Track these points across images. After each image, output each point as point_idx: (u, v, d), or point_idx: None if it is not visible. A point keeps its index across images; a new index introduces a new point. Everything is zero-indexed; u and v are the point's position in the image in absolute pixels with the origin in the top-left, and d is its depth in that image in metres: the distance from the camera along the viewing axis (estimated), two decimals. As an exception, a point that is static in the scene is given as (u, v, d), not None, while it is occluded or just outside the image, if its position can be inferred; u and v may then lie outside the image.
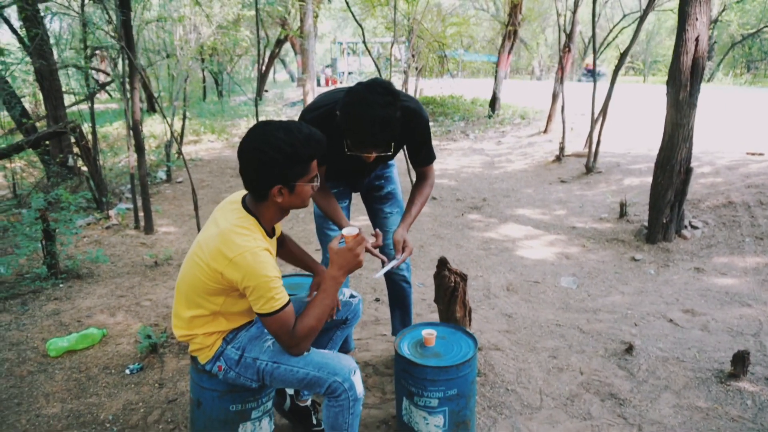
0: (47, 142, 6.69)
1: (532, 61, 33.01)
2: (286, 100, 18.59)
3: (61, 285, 3.77)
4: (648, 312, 3.43)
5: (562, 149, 7.82)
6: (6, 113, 8.43)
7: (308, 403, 2.22)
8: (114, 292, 3.72)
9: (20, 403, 2.44)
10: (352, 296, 2.15)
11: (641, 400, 2.49)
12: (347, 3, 7.47)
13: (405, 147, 2.35)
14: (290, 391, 2.21)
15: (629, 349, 2.89)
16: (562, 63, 8.94)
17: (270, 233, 1.77)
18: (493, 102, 12.09)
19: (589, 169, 6.90)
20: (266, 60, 18.88)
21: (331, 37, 27.63)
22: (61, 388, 2.56)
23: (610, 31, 9.77)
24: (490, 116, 11.85)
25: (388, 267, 2.11)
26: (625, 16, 9.91)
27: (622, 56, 7.20)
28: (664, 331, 3.15)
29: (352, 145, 1.96)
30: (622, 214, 5.28)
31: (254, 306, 1.60)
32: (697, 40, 4.30)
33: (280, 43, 18.30)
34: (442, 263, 2.44)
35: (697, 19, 4.30)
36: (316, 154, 1.66)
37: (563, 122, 7.93)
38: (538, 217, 5.67)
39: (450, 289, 2.40)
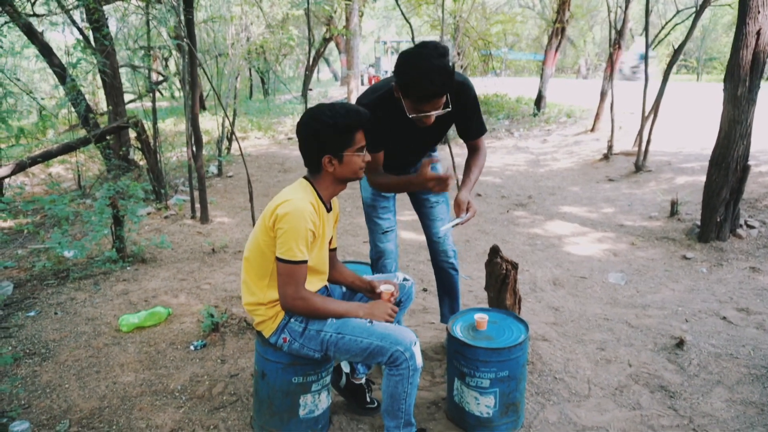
0: (109, 137, 7.09)
1: (578, 59, 32.27)
2: (329, 99, 18.87)
3: (128, 268, 4.03)
4: (700, 309, 3.38)
5: (610, 147, 7.70)
6: (70, 110, 8.96)
7: (363, 381, 2.33)
8: (176, 275, 3.94)
9: (99, 371, 2.65)
10: (405, 279, 2.25)
11: (692, 393, 2.49)
12: (398, 3, 7.59)
13: (455, 124, 2.37)
14: (346, 369, 2.32)
15: (680, 343, 2.88)
16: (612, 60, 8.78)
17: (328, 207, 1.96)
18: (539, 100, 11.95)
19: (638, 168, 6.77)
20: (312, 59, 19.22)
21: (374, 36, 27.85)
22: (133, 359, 2.77)
23: (663, 27, 9.50)
24: (535, 114, 11.73)
25: (453, 223, 2.19)
26: (678, 11, 9.61)
27: (676, 53, 7.02)
28: (717, 329, 3.11)
29: (412, 105, 1.99)
30: (673, 212, 5.18)
31: (277, 250, 1.80)
32: (758, 33, 4.18)
33: (325, 42, 18.62)
34: (494, 251, 2.50)
35: (759, 12, 4.18)
36: (359, 125, 1.85)
37: (612, 120, 7.80)
38: (584, 215, 5.62)
39: (501, 276, 2.47)
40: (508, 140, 10.42)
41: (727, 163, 4.36)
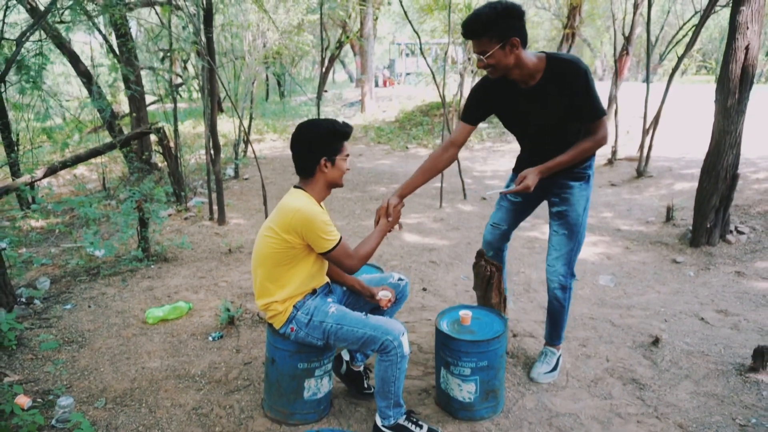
0: (132, 142, 7.48)
1: (594, 60, 32.20)
2: (344, 101, 19.19)
3: (152, 266, 4.38)
4: (681, 310, 3.62)
5: (614, 153, 7.89)
6: (93, 113, 9.39)
7: (361, 368, 2.63)
8: (195, 273, 4.28)
9: (129, 357, 2.99)
10: (400, 279, 2.55)
11: (661, 386, 2.74)
12: (404, 10, 7.85)
13: (566, 106, 2.27)
14: (346, 357, 2.62)
15: (656, 341, 3.12)
16: (618, 67, 8.95)
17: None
18: (549, 104, 12.11)
19: (639, 173, 6.97)
20: (326, 61, 19.56)
21: (389, 38, 28.11)
22: (158, 348, 3.10)
23: (680, 29, 9.54)
24: (545, 118, 11.90)
25: (500, 190, 2.54)
26: (696, 12, 9.68)
27: (679, 60, 7.18)
28: (693, 328, 3.35)
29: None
30: (669, 217, 5.38)
31: (317, 248, 2.13)
32: (747, 48, 4.38)
33: (340, 45, 18.95)
34: (480, 255, 2.78)
35: (747, 28, 4.38)
36: (344, 136, 2.20)
37: (616, 126, 7.99)
38: (584, 219, 5.84)
39: (486, 277, 2.74)
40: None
41: (717, 171, 4.57)
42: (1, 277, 3.40)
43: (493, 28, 2.09)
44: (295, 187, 2.26)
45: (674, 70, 7.14)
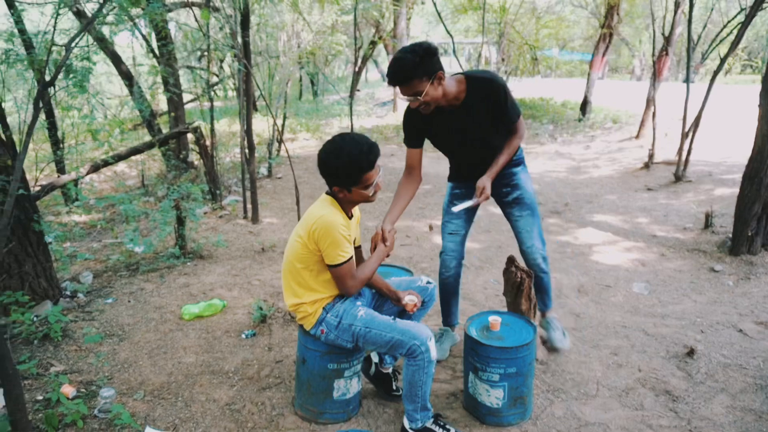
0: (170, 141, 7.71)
1: (632, 60, 31.41)
2: (377, 100, 19.26)
3: (188, 263, 4.51)
4: (718, 321, 3.53)
5: (651, 156, 7.71)
6: (133, 111, 9.69)
7: (390, 370, 2.66)
8: (230, 271, 4.39)
9: (166, 352, 3.10)
10: (428, 282, 2.58)
11: (695, 398, 2.69)
12: (437, 10, 7.86)
13: (492, 117, 2.56)
14: (375, 359, 2.66)
15: (690, 352, 3.06)
16: (657, 67, 8.73)
17: (349, 216, 2.32)
18: (584, 105, 11.92)
19: (678, 178, 6.79)
20: (359, 61, 19.65)
21: (422, 37, 28.05)
22: (194, 344, 3.20)
23: (724, 27, 9.22)
24: (580, 120, 11.72)
25: (464, 205, 2.63)
26: (742, 10, 9.35)
27: (723, 60, 6.97)
28: (731, 340, 3.26)
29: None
30: (707, 224, 5.24)
31: (326, 259, 2.16)
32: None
33: (373, 44, 19.02)
34: (510, 261, 2.78)
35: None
36: (368, 167, 2.14)
37: (654, 128, 7.80)
38: (618, 224, 5.74)
39: (516, 283, 2.74)
40: (550, 146, 10.48)
41: (760, 177, 4.42)
42: (48, 271, 3.57)
43: (420, 69, 2.31)
44: (327, 193, 2.30)
45: (717, 70, 6.91)
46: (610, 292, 4.09)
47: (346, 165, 2.12)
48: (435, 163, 10.03)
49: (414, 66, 2.29)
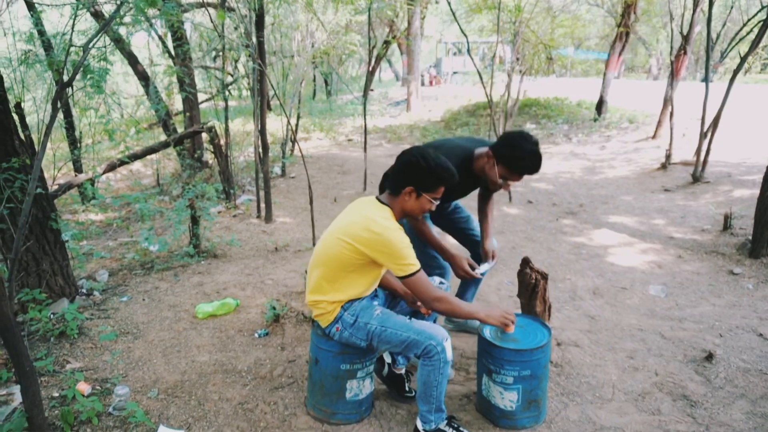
0: (185, 140, 7.77)
1: (649, 59, 31.02)
2: (390, 100, 19.26)
3: (202, 262, 4.54)
4: (737, 325, 3.46)
5: (668, 157, 7.60)
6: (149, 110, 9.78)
7: (402, 371, 2.65)
8: (243, 270, 4.41)
9: (180, 350, 3.12)
10: (441, 283, 2.57)
11: (714, 404, 2.63)
12: (452, 10, 7.81)
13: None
14: (388, 360, 2.65)
15: (709, 357, 3.00)
16: (675, 66, 8.61)
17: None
18: (600, 105, 11.79)
19: (695, 179, 6.68)
20: (373, 61, 19.65)
21: (436, 36, 27.97)
22: (207, 342, 3.22)
23: (744, 25, 9.03)
24: (595, 120, 11.59)
25: (484, 269, 2.77)
26: (763, 7, 9.16)
27: (743, 59, 6.84)
28: (751, 345, 3.20)
29: (509, 173, 2.61)
30: (726, 226, 5.15)
31: (397, 272, 2.11)
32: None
33: (387, 44, 19.02)
34: (525, 262, 2.75)
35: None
36: (447, 183, 2.18)
37: (671, 129, 7.69)
38: (634, 226, 5.67)
39: (531, 285, 2.71)
40: (565, 146, 10.39)
41: (781, 179, 4.33)
42: (65, 269, 3.61)
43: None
44: (379, 200, 2.25)
45: (737, 69, 6.79)
46: (626, 295, 4.03)
47: (431, 170, 2.13)
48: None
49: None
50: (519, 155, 2.50)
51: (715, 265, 4.52)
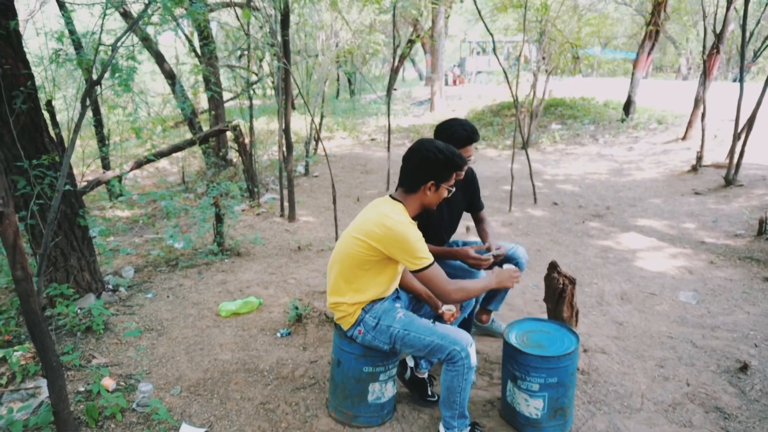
0: (210, 139, 7.85)
1: (679, 58, 30.31)
2: (413, 99, 19.19)
3: (226, 260, 4.57)
4: (773, 335, 3.33)
5: (699, 159, 7.39)
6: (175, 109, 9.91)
7: (425, 375, 2.61)
8: (266, 269, 4.42)
9: (203, 348, 3.13)
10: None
11: (749, 417, 2.53)
12: (477, 8, 7.71)
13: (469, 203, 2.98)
14: (411, 364, 2.61)
15: (744, 367, 2.89)
16: (707, 66, 8.37)
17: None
18: (628, 105, 11.55)
19: (728, 182, 6.48)
20: (397, 60, 19.60)
21: (460, 35, 27.80)
22: (230, 341, 3.23)
23: None
24: (623, 120, 11.36)
25: (489, 254, 2.67)
26: None
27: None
28: (789, 356, 3.07)
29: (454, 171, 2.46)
30: (761, 231, 4.97)
31: (410, 267, 2.09)
32: None
33: (411, 43, 18.95)
34: (552, 266, 2.68)
35: None
36: (459, 167, 2.20)
37: (702, 130, 7.48)
38: (663, 229, 5.52)
39: (558, 290, 2.65)
40: (591, 147, 10.20)
41: (821, 183, 4.17)
42: (92, 265, 3.66)
43: None
44: (392, 197, 2.23)
45: (773, 70, 6.56)
46: (655, 301, 3.92)
47: (447, 160, 2.15)
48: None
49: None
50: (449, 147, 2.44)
51: (750, 272, 4.36)
